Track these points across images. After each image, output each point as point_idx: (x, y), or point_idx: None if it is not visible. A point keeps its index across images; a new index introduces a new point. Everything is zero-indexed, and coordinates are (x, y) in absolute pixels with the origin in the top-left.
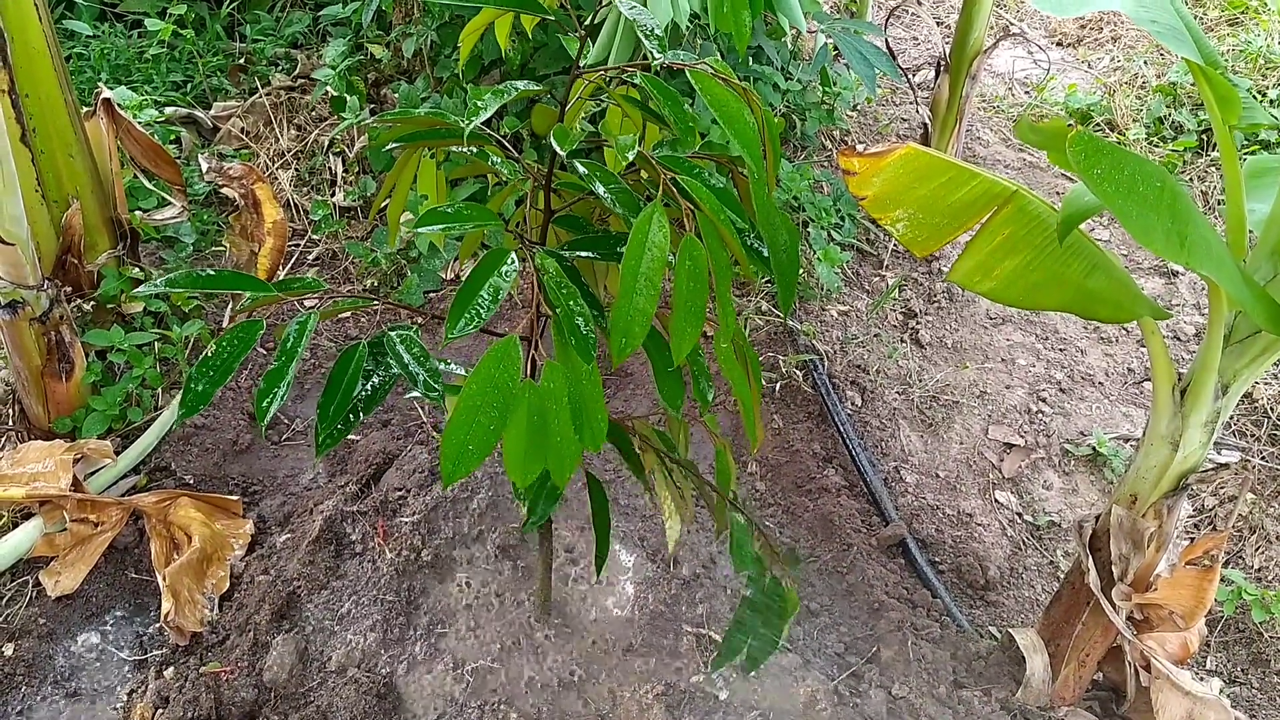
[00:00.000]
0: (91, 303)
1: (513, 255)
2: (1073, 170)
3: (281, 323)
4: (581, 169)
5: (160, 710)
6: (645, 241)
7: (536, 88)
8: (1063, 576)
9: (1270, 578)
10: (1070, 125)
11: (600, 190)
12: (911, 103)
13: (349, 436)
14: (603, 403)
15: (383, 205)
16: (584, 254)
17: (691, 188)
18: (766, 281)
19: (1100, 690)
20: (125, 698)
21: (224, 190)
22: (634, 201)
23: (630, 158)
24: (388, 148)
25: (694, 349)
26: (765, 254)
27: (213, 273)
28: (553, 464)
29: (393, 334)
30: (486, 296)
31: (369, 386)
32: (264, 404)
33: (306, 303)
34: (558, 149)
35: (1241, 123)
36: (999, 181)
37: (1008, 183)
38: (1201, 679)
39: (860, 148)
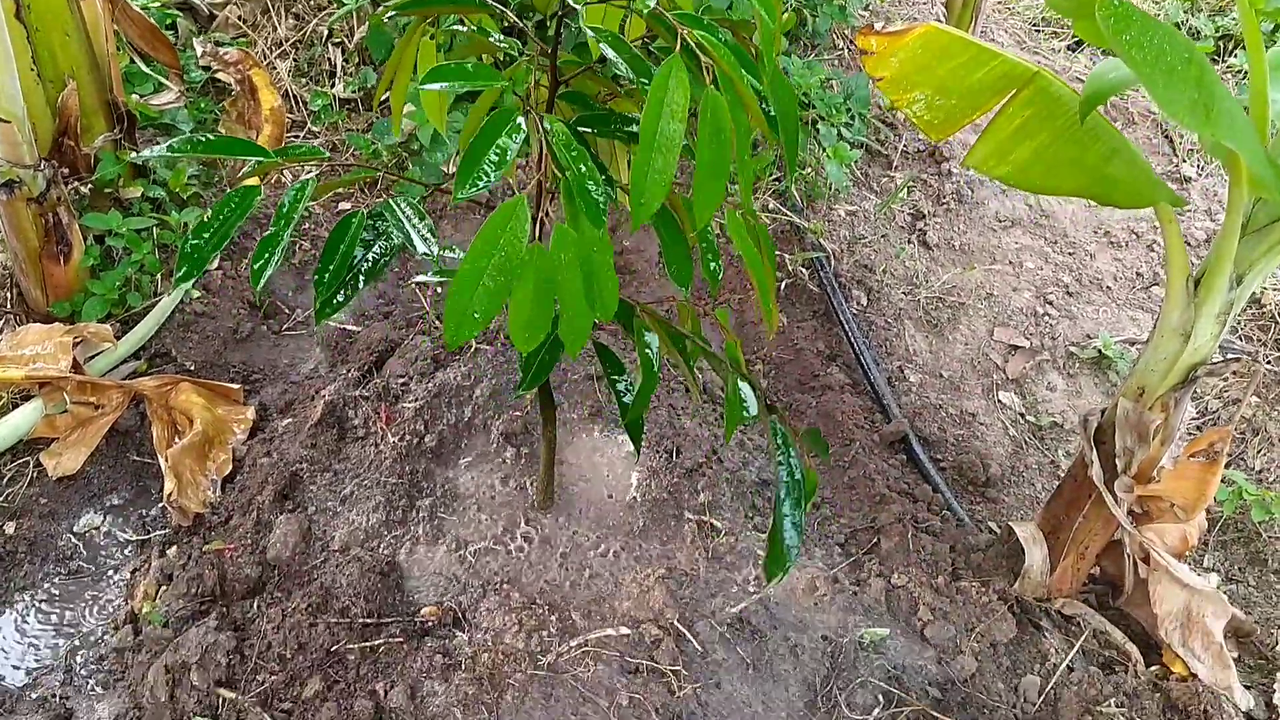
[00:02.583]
0: (89, 186)
1: (520, 118)
2: (1101, 39)
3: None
4: (591, 31)
5: (164, 587)
6: (665, 98)
7: None
8: (1062, 475)
9: (1271, 479)
10: None
11: (610, 54)
12: (925, 1)
13: (349, 327)
14: (613, 271)
15: (385, 96)
16: (590, 129)
17: (710, 45)
18: (775, 179)
19: (1097, 583)
20: (129, 575)
21: (220, 76)
22: (646, 67)
23: (652, 4)
24: (388, 16)
25: (706, 225)
26: (773, 117)
27: (214, 138)
28: (565, 333)
29: (394, 200)
30: (494, 158)
31: (369, 257)
32: (257, 267)
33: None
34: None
35: (1268, 6)
36: (1020, 63)
37: (1029, 64)
38: (1200, 574)
39: (879, 26)
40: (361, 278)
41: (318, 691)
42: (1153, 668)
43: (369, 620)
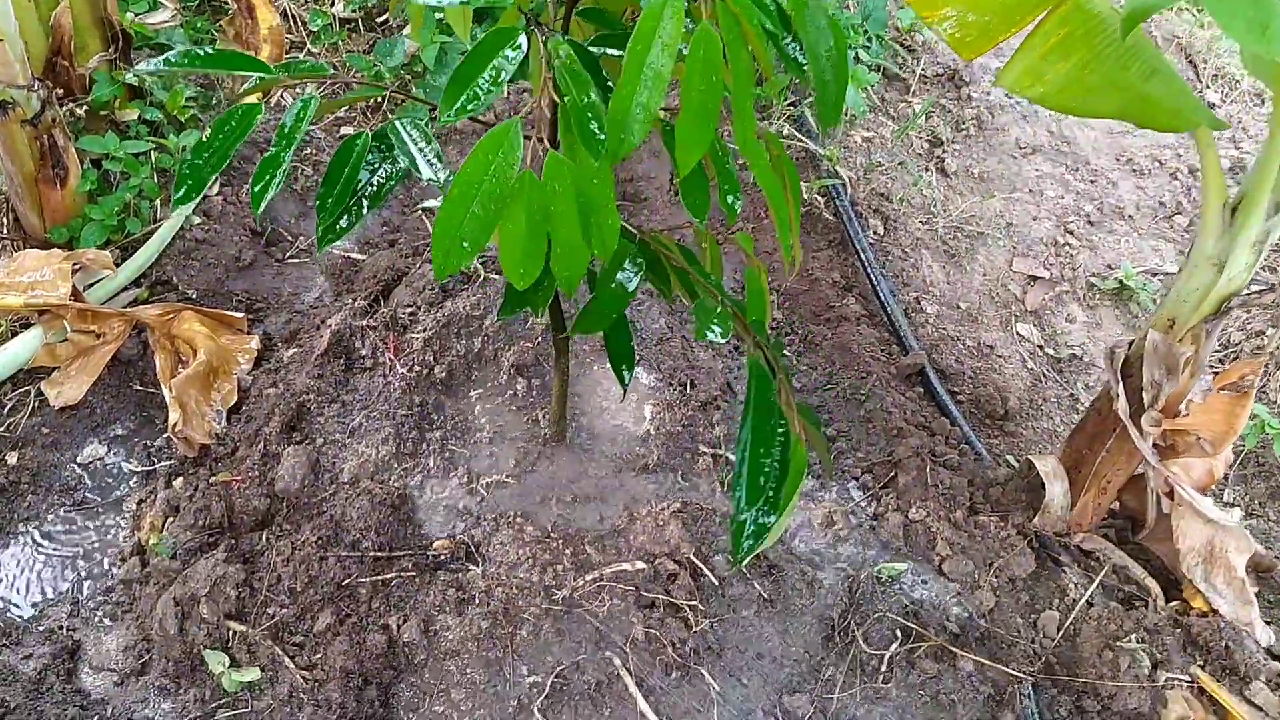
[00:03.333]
0: (84, 108)
1: (521, 36)
2: None
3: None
4: None
5: (170, 519)
6: (656, 29)
7: None
8: (1083, 409)
9: None
10: None
11: None
12: None
13: (354, 255)
14: (614, 206)
15: (385, 16)
16: (610, 51)
17: None
18: (790, 104)
19: (1117, 518)
20: (134, 507)
21: None
22: None
23: None
24: None
25: (724, 155)
26: (803, 62)
27: (212, 51)
28: (559, 270)
29: (399, 120)
30: (487, 78)
31: (374, 181)
32: (259, 190)
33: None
34: None
35: None
36: None
37: None
38: (1222, 508)
39: None
40: (365, 202)
41: (329, 625)
42: (1173, 603)
43: (380, 554)
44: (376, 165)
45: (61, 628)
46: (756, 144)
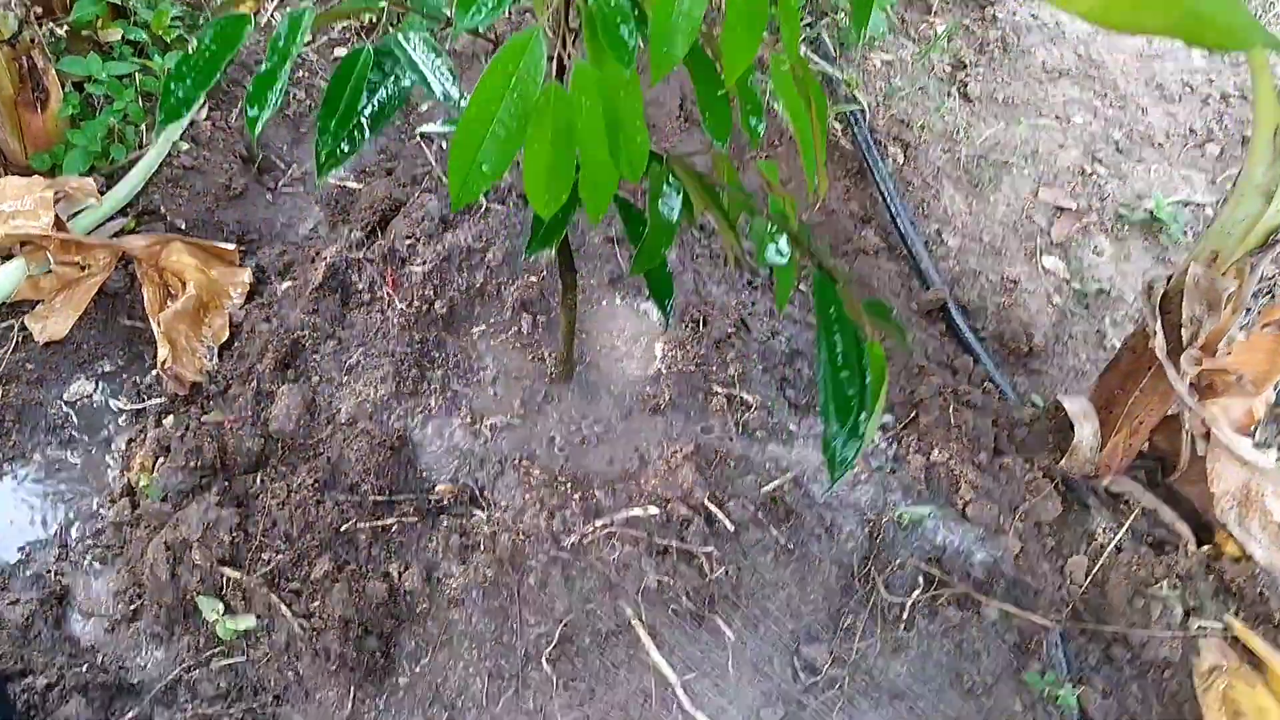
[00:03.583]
0: (65, 28)
1: None
2: None
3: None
4: None
5: (161, 459)
6: None
7: None
8: (1110, 346)
9: None
10: None
11: None
12: None
13: (350, 184)
14: (643, 121)
15: None
16: None
17: None
18: (805, 24)
19: (1147, 460)
20: (124, 446)
21: None
22: None
23: None
24: None
25: (746, 73)
26: None
27: None
28: (586, 193)
29: (403, 33)
30: None
31: (375, 102)
32: (254, 114)
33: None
34: None
35: None
36: None
37: None
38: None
39: None
40: (367, 125)
41: (327, 572)
42: (1205, 548)
43: (380, 498)
44: (376, 85)
45: (49, 571)
46: (781, 59)
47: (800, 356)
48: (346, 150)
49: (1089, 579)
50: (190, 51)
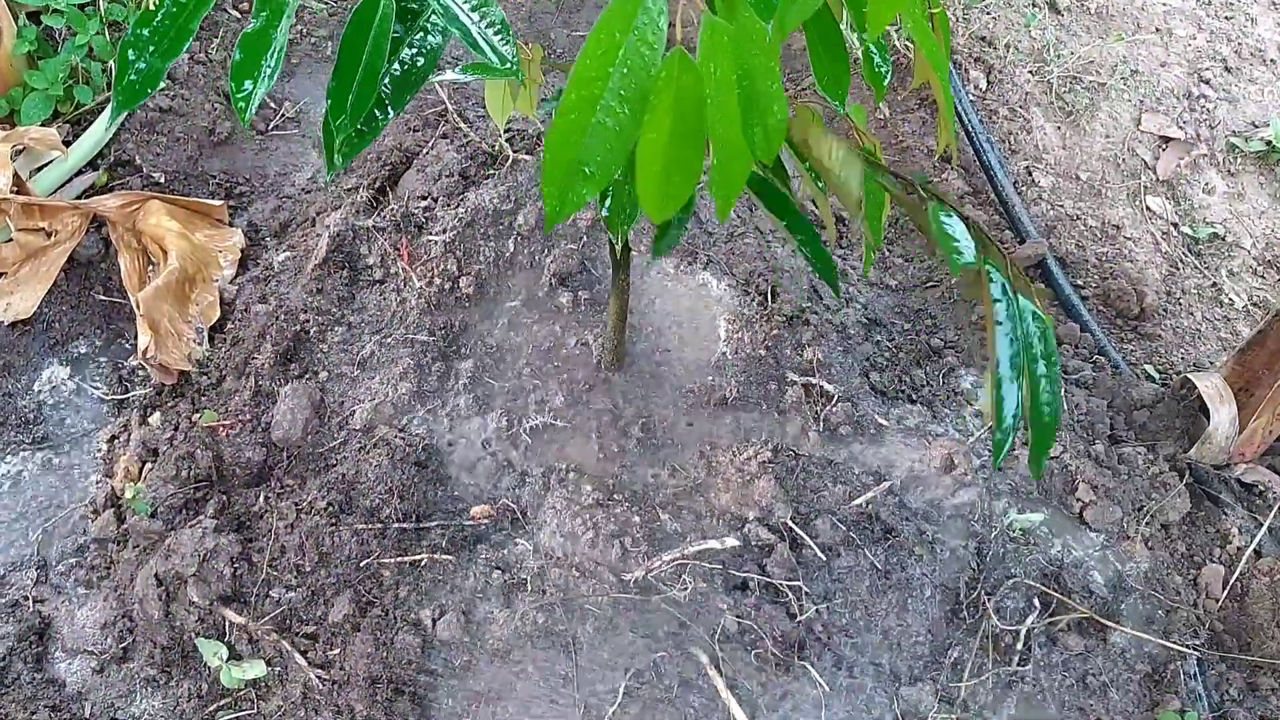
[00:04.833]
0: None
1: None
2: None
3: None
4: None
5: (149, 465)
6: None
7: None
8: (1227, 301)
9: None
10: None
11: None
12: None
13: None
14: (781, 86)
15: None
16: None
17: None
18: None
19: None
20: (105, 446)
21: None
22: None
23: None
24: None
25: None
26: None
27: None
28: (717, 186)
29: None
30: None
31: (398, 65)
32: (244, 84)
33: None
34: None
35: None
36: None
37: None
38: None
39: None
40: (390, 102)
41: (347, 615)
42: None
43: (405, 524)
44: (401, 42)
45: (27, 598)
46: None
47: (879, 327)
48: (367, 131)
49: (1226, 591)
50: (151, 10)
